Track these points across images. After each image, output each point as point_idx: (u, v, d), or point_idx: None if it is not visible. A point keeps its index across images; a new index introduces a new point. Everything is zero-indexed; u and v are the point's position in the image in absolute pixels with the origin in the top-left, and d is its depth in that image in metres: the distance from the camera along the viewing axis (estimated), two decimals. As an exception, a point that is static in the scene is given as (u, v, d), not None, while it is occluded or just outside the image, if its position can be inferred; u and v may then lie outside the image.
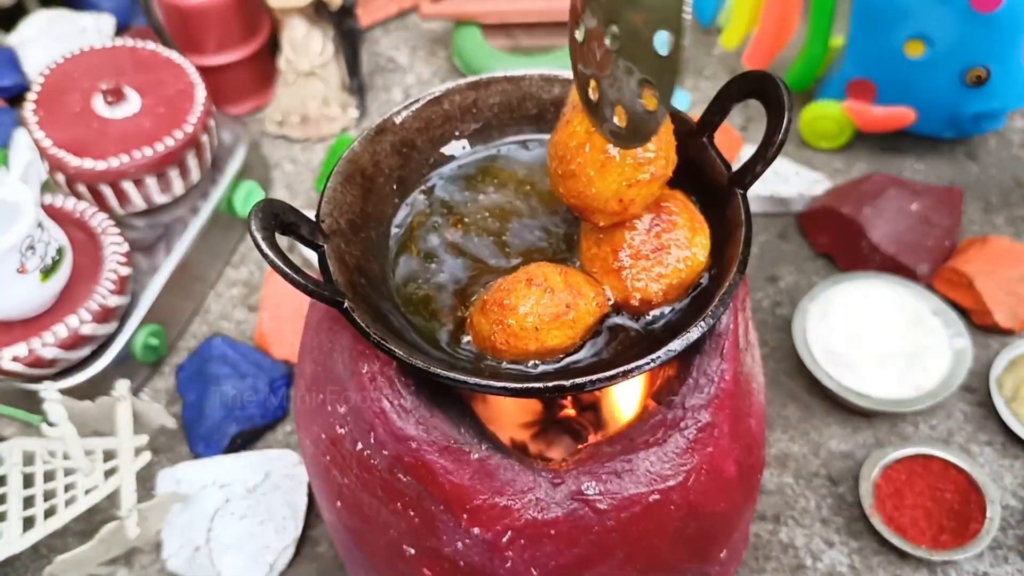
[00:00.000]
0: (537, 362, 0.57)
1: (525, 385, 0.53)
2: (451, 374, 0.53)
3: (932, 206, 1.00)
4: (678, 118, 0.64)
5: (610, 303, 0.59)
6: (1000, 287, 0.94)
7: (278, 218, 0.54)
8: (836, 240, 1.03)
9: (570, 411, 0.80)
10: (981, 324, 0.96)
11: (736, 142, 1.12)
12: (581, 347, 0.58)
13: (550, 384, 0.52)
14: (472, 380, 0.53)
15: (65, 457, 0.81)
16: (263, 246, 0.51)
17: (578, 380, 0.52)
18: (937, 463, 0.84)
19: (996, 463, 0.88)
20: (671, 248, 0.57)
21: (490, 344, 0.56)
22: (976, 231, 1.06)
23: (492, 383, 0.52)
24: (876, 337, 0.92)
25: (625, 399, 0.78)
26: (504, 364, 0.57)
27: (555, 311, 0.55)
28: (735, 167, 0.60)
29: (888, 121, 1.09)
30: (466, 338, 0.59)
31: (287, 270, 0.50)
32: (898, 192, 1.00)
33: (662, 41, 0.48)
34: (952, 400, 0.92)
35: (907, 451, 0.85)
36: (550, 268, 0.57)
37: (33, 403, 0.81)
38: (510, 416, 0.80)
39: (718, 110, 0.62)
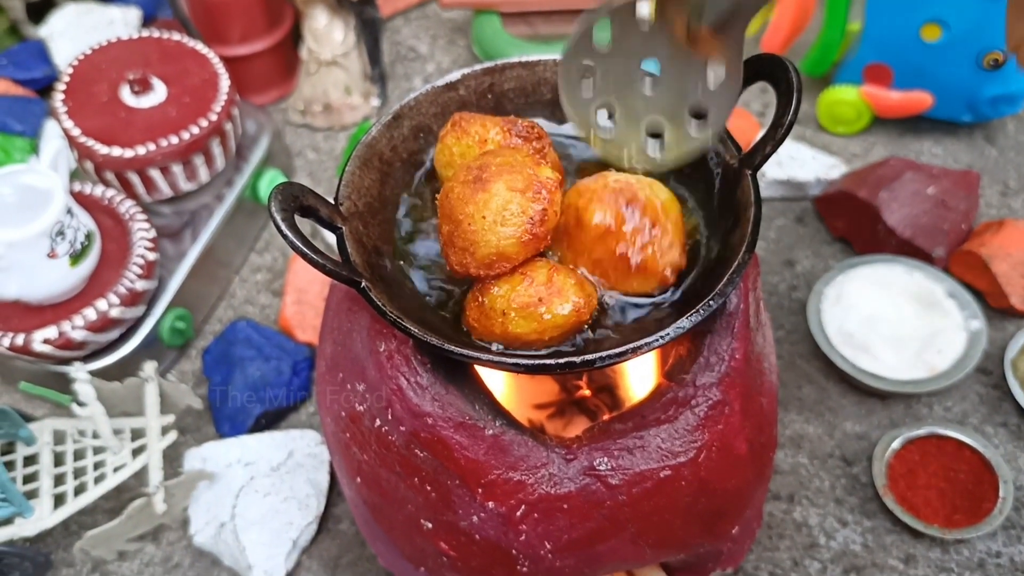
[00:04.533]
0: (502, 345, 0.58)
1: (537, 361, 0.54)
2: (465, 351, 0.54)
3: (949, 189, 1.00)
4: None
5: (598, 308, 0.59)
6: (1016, 270, 0.94)
7: (297, 200, 0.56)
8: (853, 224, 1.03)
9: (586, 392, 0.81)
10: (997, 307, 0.96)
11: (754, 127, 1.13)
12: (553, 348, 0.58)
13: (561, 360, 0.54)
14: (485, 356, 0.54)
15: (94, 436, 0.83)
16: (282, 227, 0.52)
17: (588, 356, 0.53)
18: (951, 444, 0.85)
19: (1010, 444, 0.88)
20: (656, 220, 0.58)
21: (465, 319, 0.58)
22: (994, 215, 1.06)
23: (504, 359, 0.54)
24: (891, 319, 0.92)
25: (640, 379, 0.79)
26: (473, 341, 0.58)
27: (525, 301, 0.56)
28: (750, 152, 0.61)
29: (905, 105, 1.10)
30: None
31: (305, 250, 0.52)
32: (915, 176, 1.01)
33: None
34: (967, 382, 0.93)
35: (921, 431, 0.86)
36: (542, 262, 0.58)
37: (63, 384, 0.83)
38: (528, 396, 0.81)
39: (729, 93, 0.62)
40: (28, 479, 0.81)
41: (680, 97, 0.60)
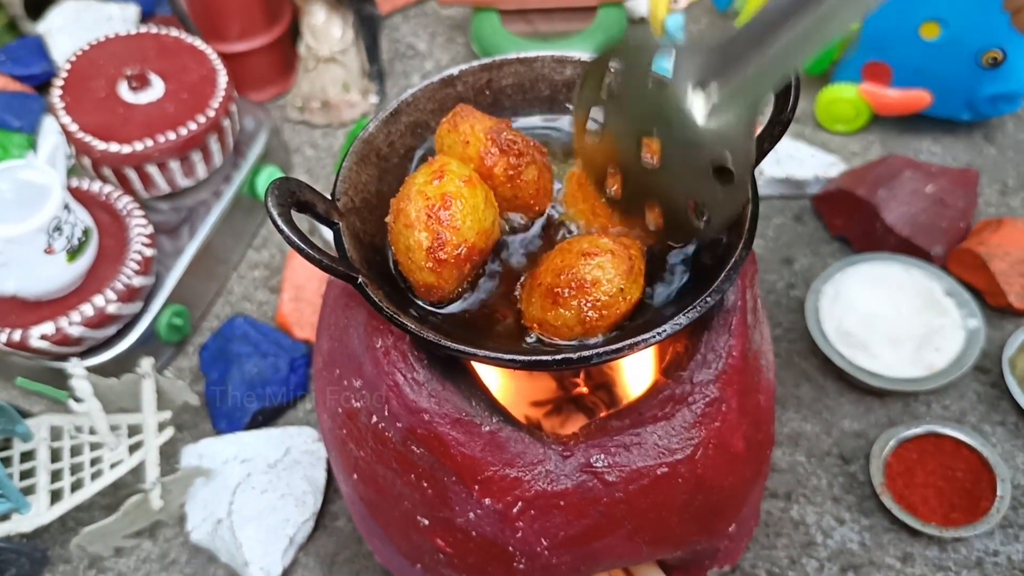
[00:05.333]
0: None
1: (533, 358, 0.54)
2: (461, 347, 0.54)
3: (947, 188, 1.00)
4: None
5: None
6: (1014, 268, 0.94)
7: (294, 195, 0.55)
8: (851, 222, 1.03)
9: (583, 389, 0.81)
10: (995, 305, 0.96)
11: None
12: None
13: (558, 357, 0.54)
14: (481, 353, 0.54)
15: (91, 432, 0.83)
16: (279, 222, 0.52)
17: (584, 353, 0.53)
18: (948, 442, 0.85)
19: (1008, 443, 0.88)
20: None
21: (583, 326, 0.56)
22: (993, 213, 1.06)
23: (500, 355, 0.54)
24: (889, 317, 0.92)
25: (637, 377, 0.79)
26: (596, 340, 0.57)
27: (626, 266, 0.56)
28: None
29: (904, 104, 1.09)
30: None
31: (301, 244, 0.51)
32: (913, 174, 1.00)
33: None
34: (965, 380, 0.93)
35: (918, 430, 0.85)
36: (588, 238, 0.58)
37: (60, 380, 0.83)
38: (525, 394, 0.81)
39: (727, 89, 0.62)
40: (25, 475, 0.81)
41: (679, 184, 0.55)
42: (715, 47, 0.48)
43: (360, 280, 0.55)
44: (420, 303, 0.60)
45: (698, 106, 0.50)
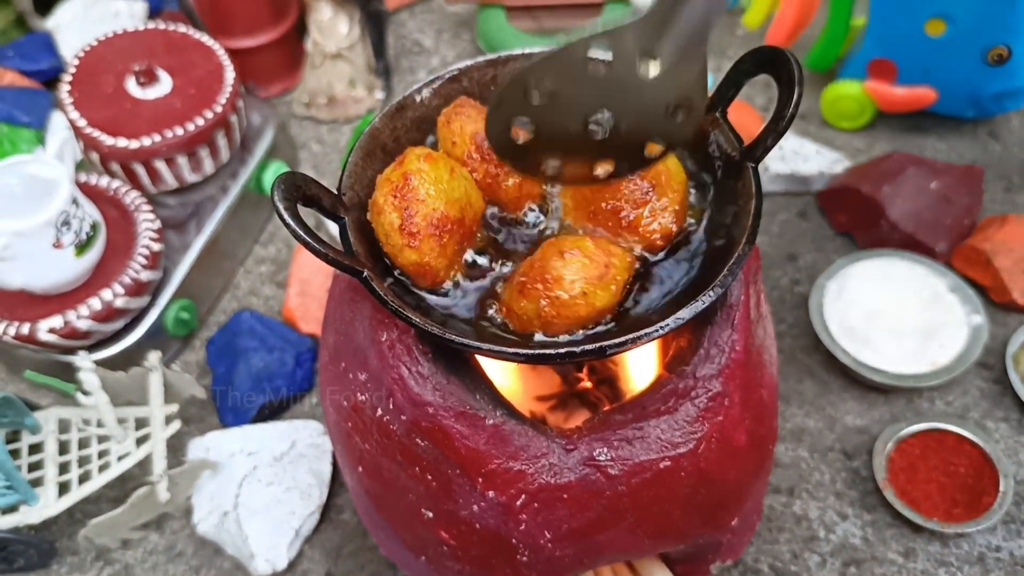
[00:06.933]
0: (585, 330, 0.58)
1: (537, 351, 0.54)
2: (465, 340, 0.54)
3: (952, 185, 1.00)
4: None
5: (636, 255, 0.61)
6: (1018, 265, 0.94)
7: (300, 190, 0.56)
8: (855, 218, 1.03)
9: (587, 384, 0.82)
10: (999, 302, 0.96)
11: (757, 122, 1.13)
12: (623, 303, 0.59)
13: (561, 350, 0.54)
14: (485, 346, 0.54)
15: (99, 425, 0.84)
16: (285, 215, 0.52)
17: (588, 346, 0.54)
18: (951, 438, 0.85)
19: (1011, 439, 0.89)
20: (657, 181, 0.60)
21: (540, 320, 0.57)
22: (997, 210, 1.06)
23: (504, 349, 0.54)
24: (893, 313, 0.92)
25: (641, 371, 0.79)
26: (560, 337, 0.57)
27: (597, 272, 0.56)
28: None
29: (909, 101, 1.09)
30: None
31: (307, 238, 0.52)
32: (918, 171, 1.01)
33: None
34: (968, 376, 0.93)
35: (921, 426, 0.86)
36: (573, 238, 0.58)
37: (68, 373, 0.84)
38: (530, 388, 0.81)
39: (731, 85, 0.62)
40: (33, 467, 0.82)
41: (635, 136, 0.57)
42: (642, 21, 0.52)
43: (365, 274, 0.56)
44: (421, 294, 0.60)
45: (651, 71, 0.54)
